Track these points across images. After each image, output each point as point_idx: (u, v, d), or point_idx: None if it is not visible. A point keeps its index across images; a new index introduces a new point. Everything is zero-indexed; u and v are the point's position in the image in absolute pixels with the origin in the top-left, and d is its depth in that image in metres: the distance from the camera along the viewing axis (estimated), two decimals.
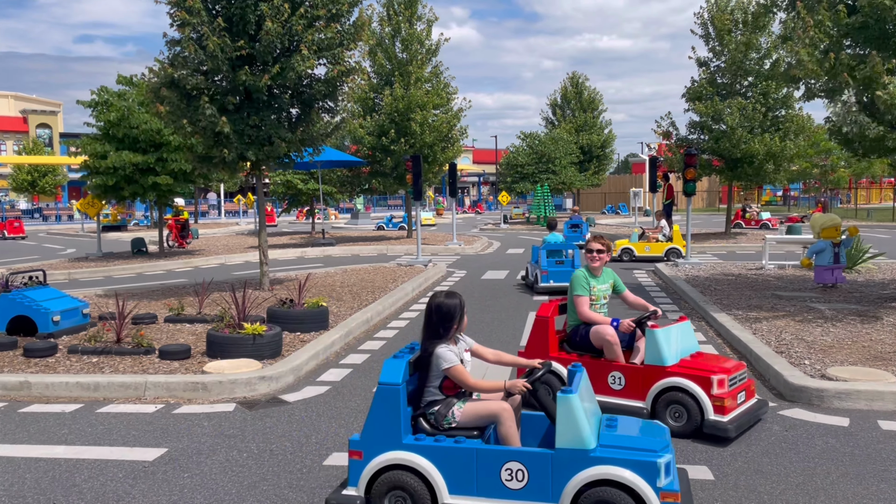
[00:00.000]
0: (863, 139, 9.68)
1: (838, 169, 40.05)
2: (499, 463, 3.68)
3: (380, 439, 3.82)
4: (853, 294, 10.94)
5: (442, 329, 4.11)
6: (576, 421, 3.58)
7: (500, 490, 3.68)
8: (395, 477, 3.76)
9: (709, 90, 22.46)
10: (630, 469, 3.48)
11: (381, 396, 3.83)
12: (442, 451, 3.76)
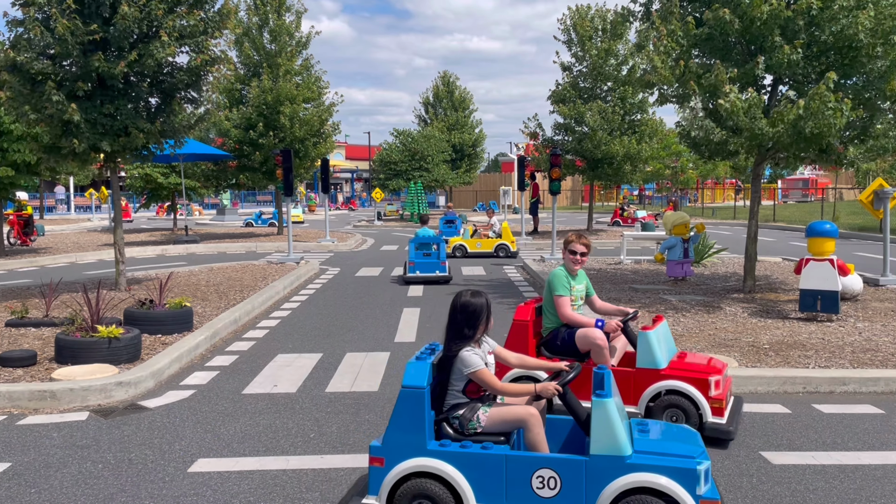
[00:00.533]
0: (708, 143, 10.51)
1: (687, 170, 43.14)
2: (530, 470, 3.53)
3: (403, 445, 3.64)
4: (700, 286, 11.83)
5: (468, 329, 3.93)
6: (612, 426, 3.44)
7: (530, 498, 3.52)
8: (420, 485, 3.58)
9: (572, 93, 23.50)
10: (668, 476, 3.35)
11: (405, 400, 3.66)
12: (469, 457, 3.59)
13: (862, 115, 9.61)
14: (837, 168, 12.03)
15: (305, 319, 9.89)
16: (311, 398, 6.15)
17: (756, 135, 9.24)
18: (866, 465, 4.57)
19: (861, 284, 10.38)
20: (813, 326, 8.47)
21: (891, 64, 8.86)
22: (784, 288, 11.49)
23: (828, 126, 8.78)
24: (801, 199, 51.52)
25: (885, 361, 6.79)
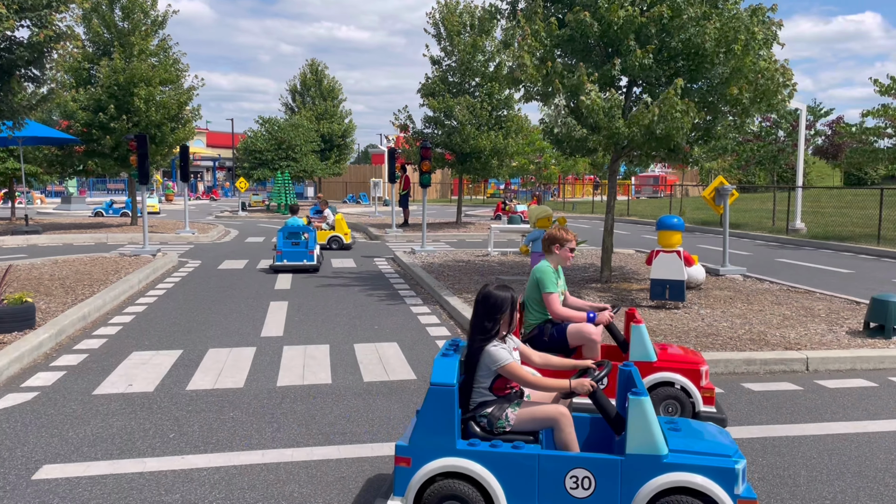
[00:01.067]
0: (570, 140, 11.00)
1: (550, 166, 44.99)
2: (563, 470, 3.45)
3: (431, 445, 3.52)
4: None
5: (488, 322, 3.79)
6: (649, 425, 3.38)
7: (564, 499, 3.45)
8: (449, 486, 3.47)
9: (441, 87, 23.77)
10: (706, 475, 3.31)
11: (434, 398, 3.52)
12: (500, 457, 3.49)
13: (705, 118, 10.40)
14: (684, 166, 12.97)
15: (163, 315, 9.38)
16: (171, 397, 5.85)
17: (613, 133, 9.77)
18: None
19: (704, 274, 11.26)
20: (662, 313, 9.09)
21: (732, 71, 9.64)
22: (637, 278, 12.25)
23: (676, 128, 9.43)
24: (652, 194, 55.15)
25: (724, 345, 7.41)
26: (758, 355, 6.91)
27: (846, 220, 24.43)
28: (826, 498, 4.05)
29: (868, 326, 7.98)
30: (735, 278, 12.56)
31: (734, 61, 9.54)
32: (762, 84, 9.62)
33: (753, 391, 6.17)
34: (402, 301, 10.57)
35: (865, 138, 21.62)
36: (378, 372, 6.65)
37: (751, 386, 6.32)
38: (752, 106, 9.90)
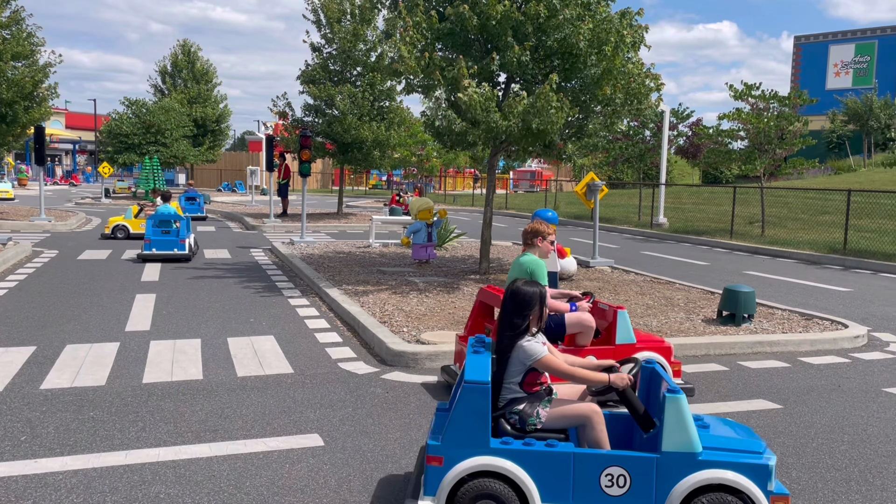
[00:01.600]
0: (450, 133, 11.12)
1: (432, 158, 45.32)
2: (599, 468, 3.41)
3: (464, 443, 3.43)
4: (442, 268, 12.51)
5: (517, 319, 3.75)
6: (685, 423, 3.39)
7: (598, 497, 3.41)
8: (483, 485, 3.38)
9: (322, 75, 23.33)
10: (741, 472, 3.34)
11: (468, 396, 3.43)
12: (535, 455, 3.43)
13: (578, 116, 10.83)
14: (558, 162, 13.44)
15: (14, 309, 8.65)
16: (22, 397, 5.40)
17: (491, 127, 9.97)
18: None
19: (575, 266, 11.75)
20: None
21: (603, 71, 10.08)
22: None
23: (551, 123, 9.76)
24: (529, 189, 56.87)
25: None
26: None
27: (703, 216, 26.26)
28: None
29: (721, 315, 8.61)
30: (604, 270, 13.19)
31: (606, 62, 9.98)
32: (634, 87, 10.13)
33: None
34: (280, 293, 10.32)
35: (721, 140, 23.30)
36: (253, 366, 6.46)
37: None
38: (624, 107, 10.41)
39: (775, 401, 5.86)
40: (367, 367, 6.57)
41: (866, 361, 7.31)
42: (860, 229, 19.10)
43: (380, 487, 4.06)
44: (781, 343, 7.66)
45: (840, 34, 61.23)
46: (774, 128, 20.65)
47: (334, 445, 4.66)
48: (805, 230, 20.75)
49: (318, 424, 5.04)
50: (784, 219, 23.56)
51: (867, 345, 8.01)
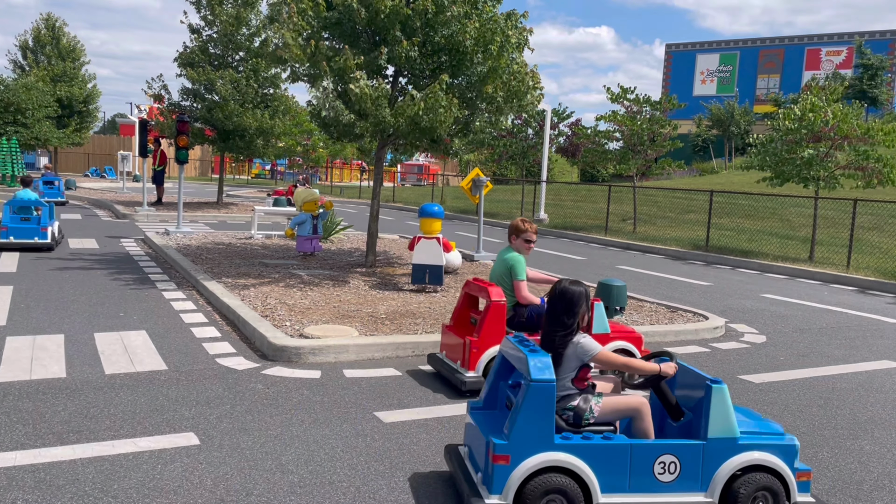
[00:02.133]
0: (337, 124, 10.97)
1: (318, 149, 44.55)
2: (653, 457, 3.65)
3: (530, 441, 3.55)
4: (327, 261, 12.35)
5: (567, 318, 3.89)
6: (727, 411, 3.68)
7: (652, 484, 3.64)
8: (549, 480, 3.51)
9: (202, 58, 22.36)
10: (773, 453, 3.70)
11: (535, 395, 3.55)
12: (595, 448, 3.61)
13: (465, 113, 10.99)
14: (445, 157, 13.60)
15: None
16: None
17: (380, 121, 9.94)
18: (459, 416, 5.28)
19: (460, 260, 11.94)
20: (422, 297, 9.48)
21: (489, 70, 10.27)
22: (400, 263, 12.64)
23: (440, 121, 9.85)
24: (416, 182, 57.14)
25: None
26: None
27: (581, 213, 27.39)
28: None
29: None
30: (488, 263, 13.48)
31: (491, 61, 10.18)
32: (514, 86, 10.39)
33: None
34: (153, 286, 9.83)
35: (598, 140, 24.39)
36: (123, 363, 6.13)
37: None
38: (506, 105, 10.65)
39: None
40: (247, 362, 6.40)
41: (724, 350, 7.89)
42: (721, 227, 20.59)
43: (258, 485, 3.97)
44: (649, 334, 8.12)
45: (707, 44, 65.58)
46: (647, 130, 21.83)
47: (211, 444, 4.51)
48: (672, 228, 22.11)
49: (193, 423, 4.85)
50: (654, 216, 24.99)
51: (725, 335, 8.66)
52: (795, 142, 16.63)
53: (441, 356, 6.30)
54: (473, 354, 5.77)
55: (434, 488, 4.04)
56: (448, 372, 5.99)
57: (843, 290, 13.09)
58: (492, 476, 3.54)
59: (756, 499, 3.65)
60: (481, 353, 5.78)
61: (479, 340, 5.80)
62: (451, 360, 6.09)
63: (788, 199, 21.65)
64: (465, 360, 5.86)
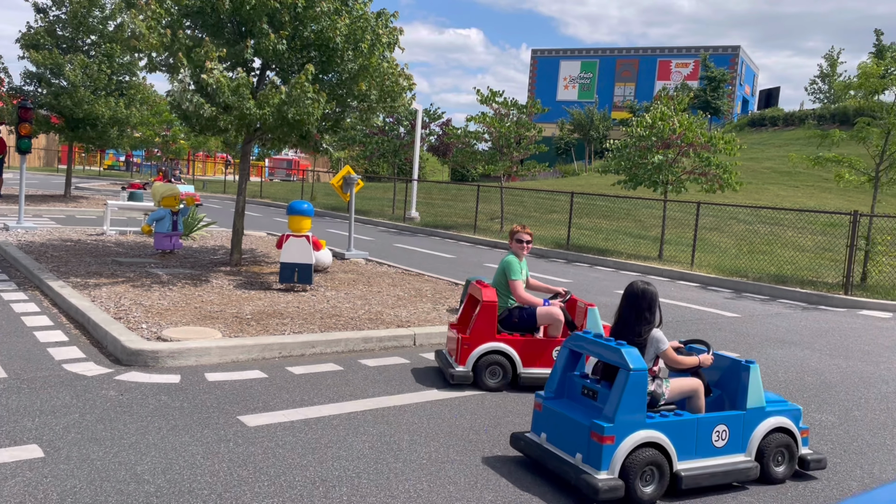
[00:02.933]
0: (199, 117, 10.50)
1: (179, 140, 42.41)
2: (711, 428, 4.45)
3: (629, 422, 4.14)
4: (188, 259, 11.83)
5: (648, 314, 4.54)
6: (759, 386, 4.62)
7: (710, 450, 4.43)
8: (645, 454, 4.13)
9: (48, 40, 20.70)
10: (788, 416, 4.69)
11: (634, 382, 4.13)
12: (673, 425, 4.33)
13: (335, 109, 10.89)
14: (315, 153, 13.39)
15: None
16: None
17: (245, 114, 9.63)
18: (327, 416, 5.26)
19: (331, 258, 11.82)
20: (290, 296, 9.31)
21: (359, 68, 10.23)
22: (267, 261, 12.32)
23: (307, 114, 9.69)
24: (285, 178, 55.79)
25: (346, 325, 7.90)
26: (374, 333, 7.53)
27: (451, 212, 27.88)
28: (423, 458, 4.61)
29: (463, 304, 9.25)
30: (359, 262, 13.44)
31: (362, 59, 10.14)
32: (388, 86, 10.42)
33: (369, 366, 6.71)
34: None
35: (468, 141, 24.92)
36: None
37: (367, 362, 6.86)
38: (379, 104, 10.66)
39: None
40: (98, 368, 6.02)
41: None
42: (580, 227, 21.67)
43: (110, 497, 3.76)
44: None
45: (569, 51, 68.64)
46: (514, 133, 22.57)
47: (57, 456, 4.21)
48: (537, 226, 23.01)
49: (37, 434, 4.51)
50: (520, 216, 25.88)
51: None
52: (647, 148, 17.81)
53: (445, 352, 6.73)
54: (464, 350, 6.19)
55: (300, 492, 4.00)
56: (444, 365, 6.42)
57: (688, 286, 14.18)
58: (600, 455, 4.09)
59: (777, 454, 4.60)
60: (472, 350, 6.18)
61: (469, 337, 6.21)
62: (449, 355, 6.53)
63: (640, 201, 23.14)
64: (457, 356, 6.25)
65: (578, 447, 4.22)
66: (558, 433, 4.43)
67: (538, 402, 4.64)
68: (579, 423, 4.26)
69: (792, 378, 7.37)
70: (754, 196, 28.26)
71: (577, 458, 4.20)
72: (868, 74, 14.24)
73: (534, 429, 4.66)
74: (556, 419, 4.48)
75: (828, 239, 18.96)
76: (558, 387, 4.69)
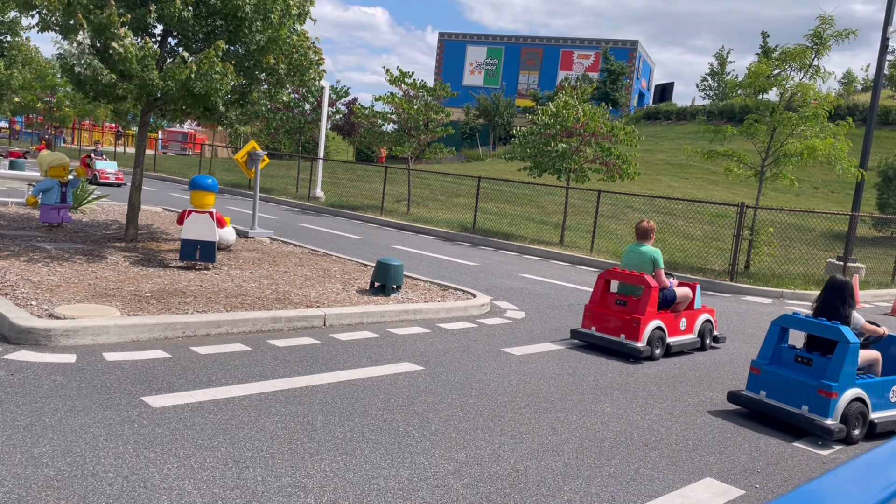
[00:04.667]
0: (95, 83, 9.88)
1: (64, 108, 39.75)
2: (889, 387, 5.86)
3: (846, 382, 5.57)
4: (79, 234, 11.16)
5: (850, 299, 5.92)
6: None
7: (887, 404, 5.83)
8: (854, 406, 5.58)
9: None
10: None
11: (852, 352, 5.56)
12: (870, 384, 5.73)
13: (242, 82, 10.52)
14: (217, 126, 12.90)
15: None
16: None
17: (147, 84, 9.15)
18: (236, 397, 5.13)
19: (234, 236, 11.47)
20: (192, 274, 8.97)
21: (268, 40, 9.92)
22: (165, 238, 11.81)
23: (215, 89, 9.32)
24: (180, 151, 53.42)
25: (252, 304, 7.70)
26: (283, 313, 7.39)
27: (357, 192, 27.61)
28: (338, 438, 4.59)
29: (373, 286, 9.22)
30: (263, 241, 13.11)
31: (271, 31, 9.83)
32: (297, 59, 10.15)
33: (279, 347, 6.59)
34: None
35: (375, 121, 24.69)
36: None
37: (276, 342, 6.73)
38: (287, 78, 10.38)
39: (419, 363, 6.51)
40: None
41: (489, 326, 8.51)
42: (486, 212, 22.00)
43: (6, 481, 3.53)
44: (423, 311, 8.50)
45: (476, 36, 69.18)
46: (422, 115, 22.55)
47: None
48: (443, 210, 23.17)
49: None
50: (426, 199, 25.98)
51: (490, 311, 9.33)
52: (551, 136, 18.26)
53: (592, 332, 7.83)
54: (642, 329, 7.45)
55: (212, 473, 3.90)
56: (614, 345, 7.58)
57: (587, 270, 14.71)
58: (827, 406, 5.50)
59: None
60: (645, 327, 7.47)
61: (645, 318, 7.50)
62: (611, 335, 7.66)
63: (544, 188, 23.74)
64: (631, 334, 7.48)
65: (804, 401, 5.64)
66: (779, 391, 5.82)
67: (756, 367, 6.01)
68: (806, 382, 5.67)
69: (685, 359, 7.82)
70: (648, 186, 29.59)
71: (802, 409, 5.62)
72: (757, 74, 15.15)
73: (750, 388, 6.03)
74: (777, 380, 5.86)
75: (715, 229, 20.14)
76: (772, 356, 6.04)
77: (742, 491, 4.43)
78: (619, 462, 4.67)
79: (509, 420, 5.27)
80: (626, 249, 8.20)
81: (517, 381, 6.27)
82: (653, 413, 5.77)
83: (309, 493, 3.78)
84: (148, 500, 3.52)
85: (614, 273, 7.93)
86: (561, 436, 5.04)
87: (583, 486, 4.25)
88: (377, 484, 3.98)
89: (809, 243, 18.50)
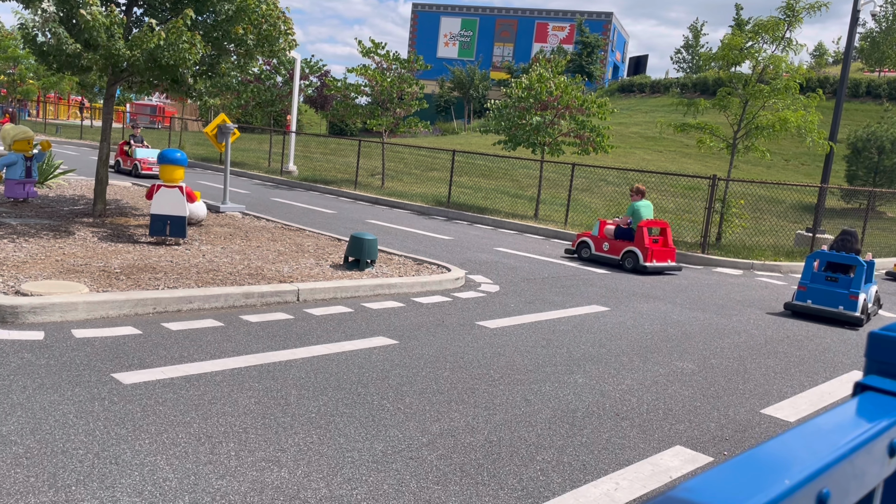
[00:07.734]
0: (59, 54, 9.59)
1: (28, 80, 38.67)
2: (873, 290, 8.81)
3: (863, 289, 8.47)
4: (45, 209, 10.94)
5: (857, 240, 8.60)
6: None
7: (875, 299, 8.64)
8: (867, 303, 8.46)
9: None
10: None
11: (870, 267, 8.54)
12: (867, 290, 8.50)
13: (210, 53, 10.30)
14: (186, 99, 12.65)
15: None
16: None
17: (113, 54, 8.92)
18: (209, 373, 5.10)
19: (205, 211, 11.32)
20: (162, 250, 8.85)
21: (237, 9, 9.70)
22: (134, 213, 11.62)
23: (183, 59, 9.11)
24: (149, 124, 52.39)
25: (224, 280, 7.63)
26: (255, 289, 7.33)
27: (331, 166, 27.36)
28: (312, 412, 4.59)
29: (347, 260, 9.18)
30: (235, 215, 12.96)
31: (240, 1, 9.62)
32: (266, 29, 9.95)
33: (251, 322, 6.54)
34: None
35: (348, 94, 24.40)
36: None
37: (249, 318, 6.68)
38: (256, 49, 10.18)
39: (393, 337, 6.52)
40: None
41: (463, 299, 8.53)
42: (460, 185, 21.95)
43: None
44: (398, 285, 8.49)
45: (450, 7, 68.39)
46: (396, 88, 22.33)
47: None
48: (417, 184, 23.07)
49: None
50: (401, 173, 25.84)
51: (464, 285, 9.35)
52: (525, 109, 18.21)
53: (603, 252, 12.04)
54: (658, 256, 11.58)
55: (184, 449, 3.88)
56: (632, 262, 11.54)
57: (562, 244, 14.79)
58: (855, 305, 8.68)
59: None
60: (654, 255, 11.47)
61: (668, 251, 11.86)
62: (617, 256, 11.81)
63: (518, 161, 23.72)
64: (648, 256, 11.37)
65: (839, 303, 8.80)
66: (820, 298, 8.95)
67: (802, 286, 9.13)
68: (839, 292, 8.83)
69: (657, 329, 7.92)
70: (622, 159, 29.72)
71: (839, 308, 8.80)
72: (730, 46, 15.20)
73: (798, 299, 9.15)
74: (817, 292, 8.94)
75: (687, 201, 20.33)
76: (811, 277, 9.07)
77: (711, 458, 4.52)
78: (590, 432, 4.74)
79: (483, 392, 5.31)
80: (642, 205, 11.77)
81: (491, 354, 6.30)
82: (625, 383, 5.84)
83: (283, 467, 3.78)
84: (119, 476, 3.50)
85: (651, 223, 11.68)
86: (534, 407, 5.09)
87: (555, 455, 4.30)
88: (351, 457, 3.99)
89: (779, 215, 18.77)
